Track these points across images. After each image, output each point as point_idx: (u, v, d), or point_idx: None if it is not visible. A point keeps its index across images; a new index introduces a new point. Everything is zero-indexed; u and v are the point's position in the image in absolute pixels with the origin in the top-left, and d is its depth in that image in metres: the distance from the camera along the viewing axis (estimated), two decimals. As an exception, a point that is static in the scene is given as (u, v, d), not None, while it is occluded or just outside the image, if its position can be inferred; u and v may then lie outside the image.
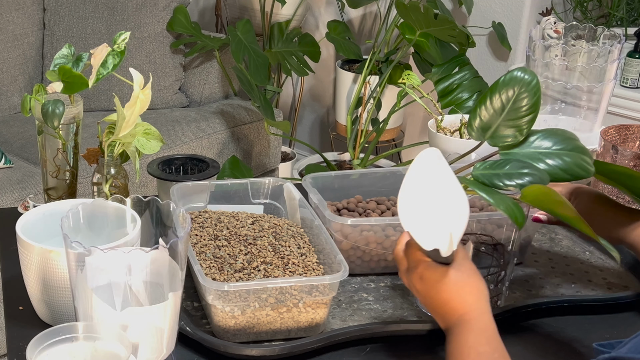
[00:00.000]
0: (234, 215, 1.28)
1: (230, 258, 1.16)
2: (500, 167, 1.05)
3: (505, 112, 1.05)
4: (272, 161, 3.03)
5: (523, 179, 1.03)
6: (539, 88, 1.04)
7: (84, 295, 0.94)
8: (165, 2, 2.89)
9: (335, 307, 1.20)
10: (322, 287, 1.09)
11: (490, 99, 1.06)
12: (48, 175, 1.36)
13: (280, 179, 1.35)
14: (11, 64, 2.82)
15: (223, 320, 1.09)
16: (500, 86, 1.05)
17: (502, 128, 1.06)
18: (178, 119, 2.80)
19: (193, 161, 1.51)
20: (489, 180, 1.04)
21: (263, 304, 1.08)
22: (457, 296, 0.97)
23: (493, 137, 1.07)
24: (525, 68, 1.05)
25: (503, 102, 1.05)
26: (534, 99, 1.04)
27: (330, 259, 1.14)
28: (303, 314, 1.11)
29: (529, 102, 1.04)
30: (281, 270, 1.14)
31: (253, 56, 2.72)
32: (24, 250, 1.10)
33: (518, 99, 1.04)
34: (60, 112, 1.26)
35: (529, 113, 1.04)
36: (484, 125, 1.07)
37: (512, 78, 1.04)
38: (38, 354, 0.89)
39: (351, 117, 2.91)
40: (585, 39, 1.66)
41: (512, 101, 1.04)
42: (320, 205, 1.27)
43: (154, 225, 1.06)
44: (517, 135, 1.06)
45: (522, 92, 1.04)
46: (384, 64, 2.88)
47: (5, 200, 2.25)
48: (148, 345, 0.96)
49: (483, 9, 2.93)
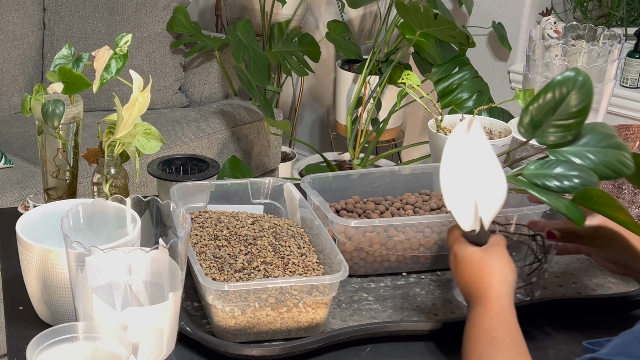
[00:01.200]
0: (234, 215, 1.28)
1: (230, 258, 1.15)
2: (551, 168, 1.05)
3: (557, 111, 1.04)
4: (272, 161, 3.03)
5: (573, 181, 1.04)
6: (590, 90, 1.03)
7: (84, 295, 0.94)
8: (165, 2, 2.89)
9: (335, 307, 1.20)
10: (322, 287, 1.09)
11: (544, 97, 1.04)
12: (48, 175, 1.36)
13: (280, 179, 1.35)
14: (11, 64, 2.81)
15: (223, 320, 1.09)
16: (553, 85, 1.04)
17: (552, 127, 1.05)
18: (178, 119, 2.80)
19: (193, 161, 1.51)
20: (541, 181, 1.05)
21: (263, 304, 1.08)
22: (478, 276, 1.01)
23: (542, 135, 1.07)
24: (579, 69, 1.04)
25: (556, 100, 1.04)
26: (585, 102, 1.03)
27: (331, 259, 1.14)
28: (303, 314, 1.11)
29: (580, 103, 1.03)
30: (281, 270, 1.14)
31: (253, 56, 2.72)
32: (24, 250, 1.10)
33: (570, 98, 1.03)
34: (60, 112, 1.26)
35: (579, 114, 1.04)
36: (534, 123, 1.06)
37: (565, 78, 1.03)
38: (38, 353, 0.89)
39: (351, 117, 2.91)
40: (585, 39, 1.66)
41: (563, 100, 1.03)
42: (323, 207, 1.27)
43: (154, 225, 1.06)
44: (566, 135, 1.06)
45: (573, 91, 1.03)
46: (384, 64, 2.88)
47: (5, 200, 2.25)
48: (148, 345, 0.96)
49: (483, 9, 2.93)
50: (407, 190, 1.43)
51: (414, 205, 1.38)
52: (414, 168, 1.50)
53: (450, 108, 2.47)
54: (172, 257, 0.94)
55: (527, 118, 1.06)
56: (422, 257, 1.30)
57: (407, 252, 1.28)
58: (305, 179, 1.36)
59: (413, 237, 1.28)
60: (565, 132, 1.05)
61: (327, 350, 1.12)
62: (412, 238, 1.28)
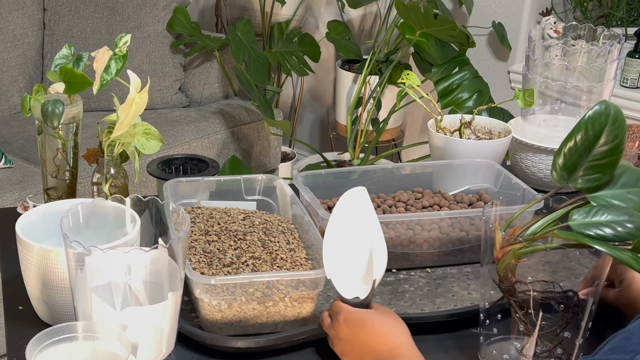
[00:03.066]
0: (226, 211, 1.29)
1: (219, 253, 1.17)
2: (599, 215, 0.96)
3: (592, 152, 0.96)
4: (272, 161, 3.03)
5: (626, 226, 0.95)
6: (624, 122, 0.96)
7: (84, 295, 0.94)
8: (165, 2, 2.89)
9: (324, 303, 1.21)
10: (309, 281, 1.10)
11: (576, 138, 0.97)
12: (48, 175, 1.36)
13: (273, 176, 1.37)
14: (11, 64, 2.82)
15: (210, 314, 1.10)
16: (584, 123, 0.96)
17: (586, 169, 0.98)
18: (178, 119, 2.80)
19: (193, 161, 1.51)
20: (594, 232, 0.95)
21: (250, 297, 1.09)
22: (385, 331, 1.01)
23: (576, 179, 0.99)
24: (608, 103, 0.96)
25: (589, 139, 0.96)
26: (620, 137, 0.96)
27: (319, 255, 1.15)
28: (289, 308, 1.12)
29: (614, 140, 0.96)
30: (269, 265, 1.15)
31: (253, 56, 2.72)
32: (23, 250, 1.10)
33: (603, 135, 0.96)
34: (60, 112, 1.26)
35: (613, 152, 0.96)
36: (568, 167, 0.98)
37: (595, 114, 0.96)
38: (38, 353, 0.89)
39: (351, 117, 2.91)
40: (585, 39, 1.66)
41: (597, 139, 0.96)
42: (313, 204, 1.28)
43: (153, 225, 1.07)
44: (600, 177, 0.98)
45: (606, 127, 0.96)
46: (384, 64, 2.88)
47: (5, 200, 2.25)
48: (147, 345, 0.96)
49: (483, 9, 2.93)
50: (401, 188, 1.44)
51: (406, 203, 1.39)
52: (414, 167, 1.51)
53: (450, 108, 2.48)
54: (172, 256, 0.94)
55: (560, 160, 0.99)
56: (412, 254, 1.30)
57: (397, 249, 1.29)
58: (298, 175, 1.38)
59: (403, 234, 1.28)
60: (599, 174, 0.98)
61: (313, 344, 1.12)
62: (402, 235, 1.28)
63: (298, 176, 1.37)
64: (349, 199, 1.10)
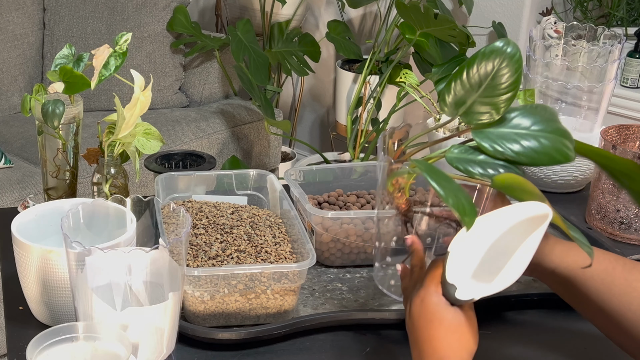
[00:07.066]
0: (216, 205, 1.30)
1: (205, 245, 1.18)
2: (476, 154, 0.96)
3: (483, 87, 0.94)
4: (272, 161, 3.03)
5: (497, 169, 0.95)
6: (520, 63, 0.94)
7: (84, 295, 0.94)
8: (165, 2, 2.89)
9: (308, 296, 1.22)
10: (291, 274, 1.11)
11: (467, 73, 0.95)
12: (48, 175, 1.36)
13: (264, 171, 1.38)
14: (11, 64, 2.81)
15: (193, 305, 1.11)
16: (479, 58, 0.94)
17: (478, 105, 0.96)
18: (178, 119, 2.80)
19: (192, 157, 1.53)
20: (463, 166, 0.96)
21: (232, 290, 1.10)
22: (444, 338, 0.89)
23: (467, 114, 0.97)
24: (509, 39, 0.94)
25: (481, 77, 0.94)
26: (515, 75, 0.94)
27: (304, 249, 1.16)
28: (272, 301, 1.13)
29: (509, 78, 0.94)
30: (253, 258, 1.16)
31: (253, 56, 2.72)
32: (20, 250, 1.09)
33: (498, 74, 0.93)
34: (60, 112, 1.26)
35: (508, 90, 0.94)
36: (457, 100, 0.96)
37: (493, 50, 0.93)
38: (38, 354, 0.89)
39: (351, 117, 2.91)
40: (586, 39, 1.66)
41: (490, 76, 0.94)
42: (301, 199, 1.29)
43: (153, 225, 1.07)
44: (493, 113, 0.96)
45: (502, 66, 0.93)
46: (384, 63, 2.88)
47: (5, 200, 2.25)
48: (148, 345, 0.96)
49: (483, 9, 2.93)
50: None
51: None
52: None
53: (450, 108, 2.47)
54: (172, 256, 0.94)
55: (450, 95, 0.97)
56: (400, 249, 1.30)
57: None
58: (288, 171, 1.39)
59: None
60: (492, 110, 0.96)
61: (294, 336, 1.13)
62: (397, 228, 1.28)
63: (289, 172, 1.39)
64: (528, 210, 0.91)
